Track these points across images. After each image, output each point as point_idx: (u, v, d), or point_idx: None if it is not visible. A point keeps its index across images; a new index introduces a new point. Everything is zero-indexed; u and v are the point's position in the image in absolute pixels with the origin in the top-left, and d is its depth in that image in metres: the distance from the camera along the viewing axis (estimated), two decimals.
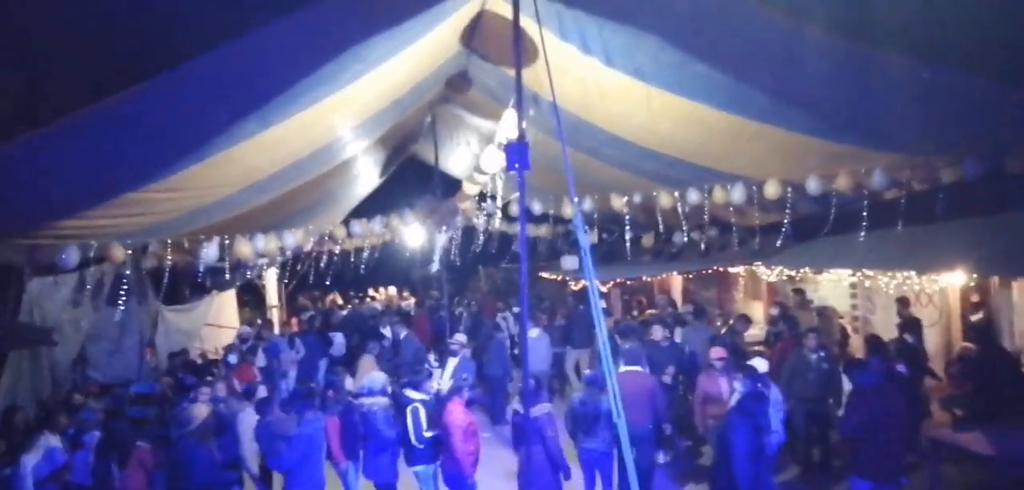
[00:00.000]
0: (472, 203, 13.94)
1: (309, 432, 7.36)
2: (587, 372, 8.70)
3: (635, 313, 15.01)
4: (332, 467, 8.02)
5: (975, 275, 9.26)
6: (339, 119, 8.40)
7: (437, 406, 7.88)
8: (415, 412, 7.65)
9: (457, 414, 7.36)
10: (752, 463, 7.03)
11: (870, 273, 10.64)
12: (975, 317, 10.89)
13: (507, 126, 8.40)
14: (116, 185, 7.13)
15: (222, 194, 8.72)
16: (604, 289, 15.41)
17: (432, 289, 20.23)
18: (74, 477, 7.68)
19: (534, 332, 11.92)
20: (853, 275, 11.92)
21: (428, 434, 7.61)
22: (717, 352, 8.58)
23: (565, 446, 7.38)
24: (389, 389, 8.20)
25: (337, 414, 8.01)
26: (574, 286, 16.63)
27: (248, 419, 8.17)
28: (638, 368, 8.26)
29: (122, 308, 11.75)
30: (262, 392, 8.76)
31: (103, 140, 5.97)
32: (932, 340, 11.35)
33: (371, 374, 8.36)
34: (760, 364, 8.17)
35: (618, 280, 16.18)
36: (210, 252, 10.46)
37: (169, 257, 10.31)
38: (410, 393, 7.85)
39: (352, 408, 8.03)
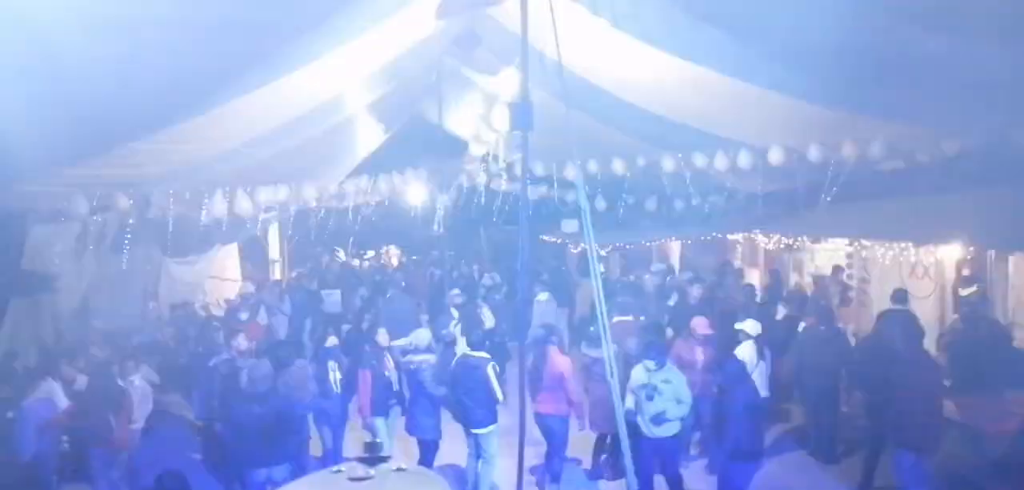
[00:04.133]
0: (476, 164, 13.94)
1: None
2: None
3: (632, 277, 15.16)
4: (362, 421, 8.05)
5: (972, 248, 9.31)
6: (343, 74, 8.39)
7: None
8: (495, 370, 7.54)
9: (563, 360, 7.71)
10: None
11: (867, 243, 10.70)
12: (966, 291, 10.95)
13: (511, 85, 8.39)
14: (120, 135, 7.14)
15: (225, 147, 8.73)
16: (603, 253, 15.49)
17: (433, 249, 20.30)
18: None
19: (543, 296, 12.02)
20: (850, 245, 12.00)
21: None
22: (700, 323, 8.58)
23: None
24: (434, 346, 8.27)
25: (369, 369, 7.93)
26: (574, 249, 16.72)
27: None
28: (629, 318, 9.43)
29: (124, 258, 11.83)
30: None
31: (107, 89, 5.97)
32: (927, 312, 11.43)
33: (416, 331, 8.35)
34: (751, 326, 8.30)
35: (617, 244, 16.24)
36: (213, 205, 10.48)
37: (172, 208, 10.33)
38: (477, 354, 7.66)
39: (381, 364, 8.04)
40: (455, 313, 10.65)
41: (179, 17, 5.28)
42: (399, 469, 5.99)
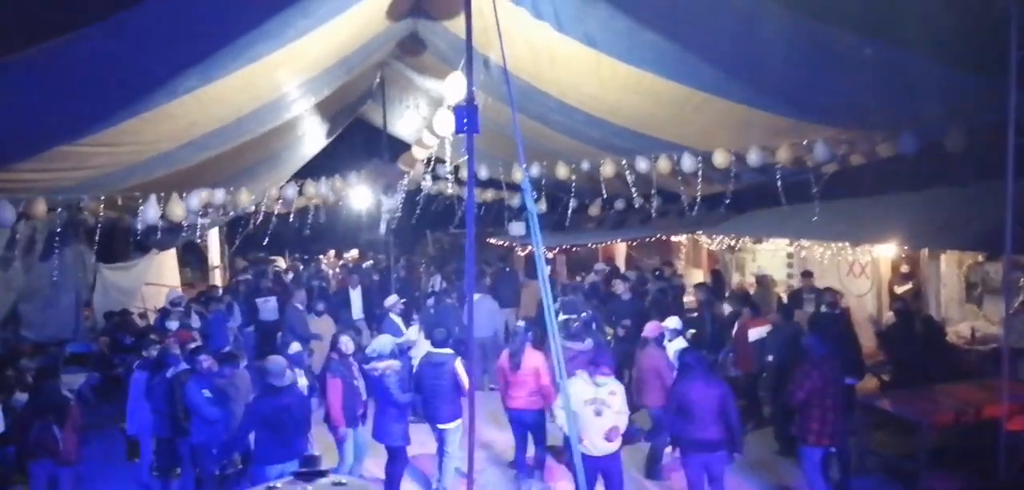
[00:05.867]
0: (420, 167, 13.84)
1: None
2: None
3: (578, 278, 15.30)
4: (329, 432, 7.89)
5: (906, 247, 9.61)
6: (284, 76, 8.23)
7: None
8: (462, 363, 7.60)
9: (537, 356, 7.78)
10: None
11: (807, 243, 10.95)
12: (902, 288, 11.32)
13: (456, 88, 8.34)
14: (47, 138, 6.86)
15: (161, 150, 8.47)
16: (550, 255, 15.57)
17: (379, 253, 20.13)
18: None
19: (476, 296, 11.94)
20: (790, 245, 12.29)
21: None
22: (655, 327, 8.47)
23: None
24: (399, 351, 8.13)
25: (339, 377, 7.72)
26: (521, 252, 16.75)
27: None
28: (574, 317, 9.46)
29: (56, 266, 11.40)
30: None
31: (33, 90, 5.74)
32: (864, 309, 11.77)
33: (379, 338, 8.19)
34: (675, 323, 8.55)
35: (564, 246, 16.35)
36: (148, 211, 10.15)
37: (102, 213, 9.99)
38: (442, 352, 7.72)
39: (350, 372, 7.86)
40: (398, 320, 10.50)
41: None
42: (337, 483, 5.84)
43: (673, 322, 8.62)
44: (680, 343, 8.32)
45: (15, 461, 8.03)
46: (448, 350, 7.77)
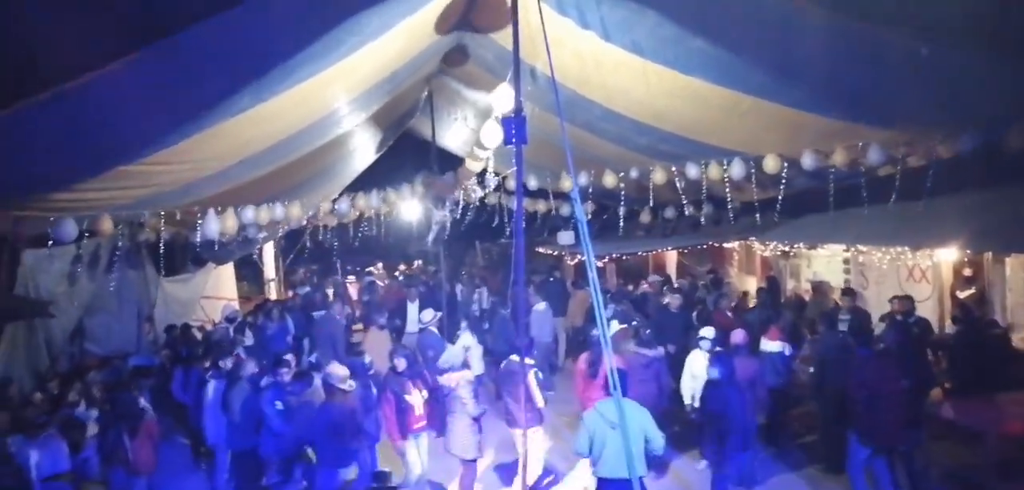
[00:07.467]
0: (471, 178, 13.93)
1: None
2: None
3: (631, 287, 15.16)
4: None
5: (969, 250, 9.30)
6: (334, 93, 8.36)
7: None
8: (538, 376, 7.81)
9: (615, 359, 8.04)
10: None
11: (864, 249, 10.68)
12: (965, 293, 10.96)
13: (503, 100, 8.38)
14: (109, 157, 7.09)
15: (217, 167, 8.69)
16: (600, 264, 15.49)
17: (429, 264, 20.31)
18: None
19: (540, 306, 12.12)
20: (846, 250, 11.99)
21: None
22: (744, 335, 8.59)
23: None
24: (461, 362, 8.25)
25: (392, 392, 7.89)
26: (570, 261, 16.71)
27: None
28: (626, 326, 9.75)
29: (119, 280, 11.75)
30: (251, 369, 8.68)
31: (95, 111, 5.93)
32: (926, 315, 11.42)
33: (449, 349, 8.35)
34: (707, 332, 8.61)
35: (614, 255, 16.26)
36: (207, 225, 10.42)
37: (163, 229, 10.29)
38: (525, 361, 7.78)
39: (402, 388, 7.98)
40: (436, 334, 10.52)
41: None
42: None
43: (709, 332, 8.67)
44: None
45: (98, 468, 8.18)
46: (528, 361, 7.80)
